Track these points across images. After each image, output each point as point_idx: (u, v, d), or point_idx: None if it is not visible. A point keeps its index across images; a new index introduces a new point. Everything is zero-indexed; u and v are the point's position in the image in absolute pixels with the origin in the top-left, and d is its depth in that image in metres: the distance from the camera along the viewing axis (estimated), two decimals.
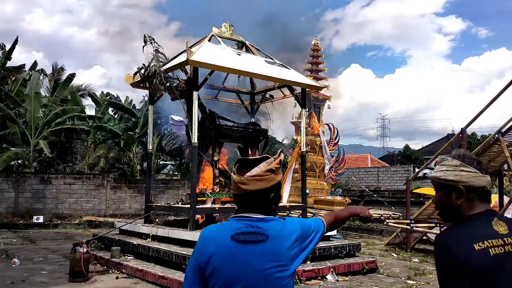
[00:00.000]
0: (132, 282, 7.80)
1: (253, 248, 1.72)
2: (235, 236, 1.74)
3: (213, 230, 1.85)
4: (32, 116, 19.23)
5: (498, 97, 10.62)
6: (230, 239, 1.73)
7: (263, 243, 1.73)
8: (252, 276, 1.70)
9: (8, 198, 17.47)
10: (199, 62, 8.78)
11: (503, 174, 12.49)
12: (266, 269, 1.70)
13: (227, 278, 1.71)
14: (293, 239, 1.80)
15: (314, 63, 18.20)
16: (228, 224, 1.81)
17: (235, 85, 12.01)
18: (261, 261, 1.71)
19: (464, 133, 11.25)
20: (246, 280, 1.70)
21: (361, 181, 23.46)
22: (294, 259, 1.79)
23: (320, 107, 17.96)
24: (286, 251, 1.76)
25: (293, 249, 1.78)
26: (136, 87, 10.95)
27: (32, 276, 8.16)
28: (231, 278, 1.70)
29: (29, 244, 12.37)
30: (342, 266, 8.65)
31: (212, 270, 1.74)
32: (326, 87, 15.78)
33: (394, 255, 11.37)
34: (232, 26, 11.00)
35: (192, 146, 9.19)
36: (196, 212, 9.03)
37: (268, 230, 1.75)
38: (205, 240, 1.81)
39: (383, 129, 66.48)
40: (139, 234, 9.80)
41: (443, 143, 25.41)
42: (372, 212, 2.31)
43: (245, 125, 11.11)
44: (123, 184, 19.53)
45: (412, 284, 8.04)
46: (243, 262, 1.71)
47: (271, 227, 1.77)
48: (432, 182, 1.80)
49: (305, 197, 11.19)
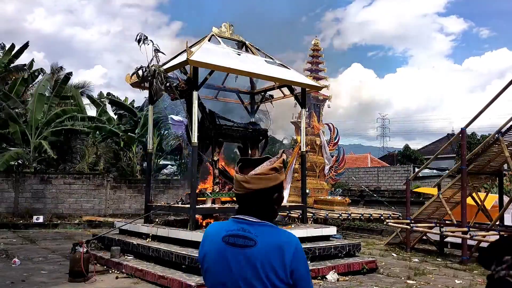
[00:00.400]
0: (132, 282, 7.80)
1: (238, 253, 1.67)
2: (225, 237, 1.72)
3: (212, 228, 1.85)
4: (33, 116, 19.24)
5: (498, 97, 10.63)
6: (221, 240, 1.72)
7: (250, 249, 1.67)
8: (236, 282, 1.66)
9: (8, 198, 17.46)
10: (199, 62, 8.77)
11: (503, 174, 12.49)
12: (247, 278, 1.65)
13: (215, 279, 1.72)
14: (279, 262, 1.64)
15: (314, 63, 18.19)
16: (225, 224, 1.80)
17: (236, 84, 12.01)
18: (244, 268, 1.66)
19: (464, 133, 11.25)
20: (230, 285, 1.67)
21: (361, 181, 23.45)
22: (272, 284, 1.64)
23: (320, 107, 17.96)
24: (268, 265, 1.64)
25: (275, 273, 1.63)
26: (136, 87, 10.93)
27: (32, 276, 8.16)
28: (218, 280, 1.71)
29: (29, 244, 12.36)
30: (342, 266, 8.65)
31: (205, 268, 1.78)
32: (326, 87, 15.77)
33: (394, 255, 11.37)
34: (232, 26, 11.00)
35: (192, 146, 9.19)
36: (196, 212, 9.04)
37: (258, 236, 1.68)
38: (204, 237, 1.83)
39: (383, 129, 66.51)
40: (139, 234, 9.80)
41: (443, 143, 25.41)
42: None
43: (245, 125, 11.10)
44: (123, 184, 19.52)
45: (412, 284, 8.04)
46: (227, 266, 1.69)
47: (263, 233, 1.70)
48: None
49: (305, 197, 11.19)
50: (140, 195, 18.52)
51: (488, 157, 10.99)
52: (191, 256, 7.54)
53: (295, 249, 1.68)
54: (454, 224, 11.13)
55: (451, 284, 8.14)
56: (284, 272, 1.64)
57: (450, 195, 11.87)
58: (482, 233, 10.14)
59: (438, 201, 11.79)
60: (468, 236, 10.00)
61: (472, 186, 11.42)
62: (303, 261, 1.71)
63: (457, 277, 8.77)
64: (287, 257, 1.65)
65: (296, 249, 1.69)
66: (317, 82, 12.62)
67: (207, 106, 10.47)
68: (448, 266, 9.96)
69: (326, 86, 16.10)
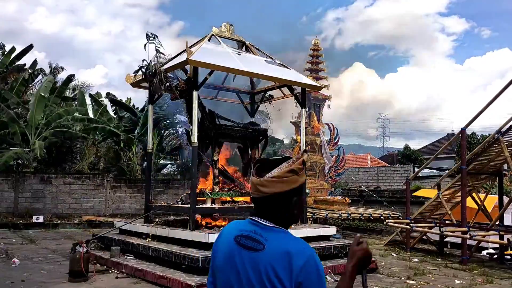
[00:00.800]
0: (132, 282, 7.79)
1: (247, 255, 1.62)
2: (237, 237, 1.67)
3: (229, 226, 1.79)
4: (33, 117, 19.24)
5: (498, 97, 10.62)
6: (233, 239, 1.68)
7: (257, 253, 1.60)
8: (242, 286, 1.61)
9: (8, 198, 17.46)
10: (199, 62, 8.77)
11: (503, 174, 12.48)
12: (252, 282, 1.58)
13: (224, 279, 1.68)
14: (285, 270, 1.54)
15: (314, 62, 18.20)
16: (241, 223, 1.74)
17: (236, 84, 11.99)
18: (249, 272, 1.60)
19: (464, 133, 11.25)
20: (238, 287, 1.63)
21: (361, 181, 23.45)
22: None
23: (320, 107, 17.97)
24: (272, 272, 1.55)
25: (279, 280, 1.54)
26: (136, 87, 10.94)
27: (32, 276, 8.15)
28: (227, 281, 1.66)
29: (29, 243, 12.36)
30: (342, 266, 8.64)
31: (215, 267, 1.75)
32: (326, 86, 15.77)
33: (394, 255, 11.37)
34: (232, 26, 10.99)
35: (192, 146, 9.18)
36: (196, 212, 9.03)
37: (267, 241, 1.61)
38: (220, 234, 1.80)
39: (383, 128, 66.54)
40: (139, 234, 9.80)
41: (443, 143, 25.41)
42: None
43: (245, 125, 11.10)
44: (123, 183, 19.52)
45: (412, 284, 8.04)
46: (235, 268, 1.64)
47: (273, 238, 1.62)
48: None
49: (304, 197, 11.19)
50: (140, 195, 18.51)
51: (488, 157, 10.98)
52: (191, 256, 7.54)
53: (306, 260, 1.55)
54: (454, 224, 11.12)
55: (451, 284, 8.14)
56: (289, 281, 1.53)
57: (450, 195, 11.87)
58: (482, 233, 10.14)
59: (438, 201, 11.79)
60: (468, 236, 10.00)
61: (472, 186, 11.41)
62: (315, 275, 1.55)
63: (457, 277, 8.77)
64: (296, 267, 1.54)
65: (309, 260, 1.56)
66: (317, 82, 12.62)
67: (207, 106, 10.47)
68: (448, 266, 9.96)
69: (326, 86, 16.10)
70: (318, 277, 1.56)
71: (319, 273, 1.56)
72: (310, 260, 1.56)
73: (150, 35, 9.17)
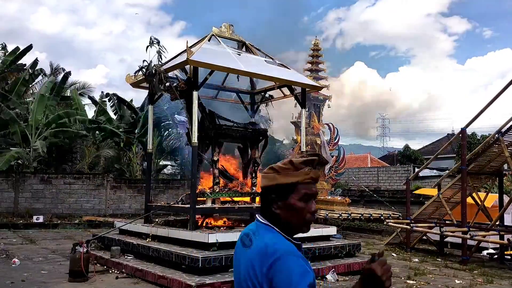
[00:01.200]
0: (132, 282, 7.80)
1: (243, 252, 1.65)
2: (242, 236, 1.71)
3: (247, 225, 1.82)
4: (34, 117, 19.24)
5: (498, 97, 10.63)
6: (240, 239, 1.72)
7: (247, 249, 1.63)
8: (240, 283, 1.64)
9: (8, 198, 17.46)
10: (199, 62, 8.77)
11: (503, 174, 12.49)
12: (244, 279, 1.60)
13: (234, 277, 1.72)
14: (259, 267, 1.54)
15: (314, 62, 18.20)
16: (252, 223, 1.77)
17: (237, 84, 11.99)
18: (241, 268, 1.63)
19: (464, 133, 11.25)
20: (239, 286, 1.65)
21: (361, 181, 23.45)
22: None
23: (320, 107, 17.97)
24: (251, 269, 1.57)
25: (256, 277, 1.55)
26: (136, 87, 10.94)
27: (32, 276, 8.16)
28: (235, 277, 1.71)
29: (29, 244, 12.36)
30: (342, 266, 8.66)
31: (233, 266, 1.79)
32: (326, 87, 15.78)
33: (394, 255, 11.37)
34: (232, 26, 10.99)
35: (192, 146, 9.19)
36: (196, 212, 9.03)
37: (256, 238, 1.62)
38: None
39: (383, 128, 66.55)
40: (139, 234, 9.80)
41: (443, 143, 25.40)
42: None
43: (245, 125, 11.10)
44: (123, 184, 19.52)
45: (412, 284, 8.04)
46: (238, 266, 1.68)
47: (259, 235, 1.63)
48: None
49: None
50: (140, 195, 18.52)
51: (488, 157, 10.98)
52: (191, 256, 7.53)
53: (278, 258, 1.50)
54: (454, 224, 11.13)
55: (451, 284, 8.14)
56: (262, 277, 1.52)
57: (450, 195, 11.87)
58: (482, 233, 10.14)
59: (438, 201, 11.79)
60: (468, 236, 10.00)
61: (472, 186, 11.41)
62: (284, 274, 1.49)
63: (457, 277, 8.77)
64: (266, 264, 1.52)
65: (281, 258, 1.51)
66: (317, 82, 12.61)
67: (207, 106, 10.47)
68: (448, 266, 9.96)
69: (326, 86, 16.11)
70: (288, 276, 1.48)
71: (289, 272, 1.48)
72: (282, 258, 1.50)
73: (154, 40, 9.21)
